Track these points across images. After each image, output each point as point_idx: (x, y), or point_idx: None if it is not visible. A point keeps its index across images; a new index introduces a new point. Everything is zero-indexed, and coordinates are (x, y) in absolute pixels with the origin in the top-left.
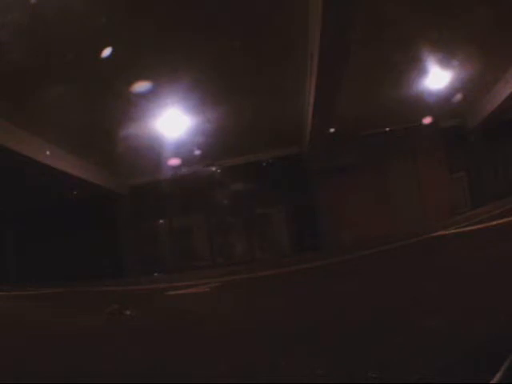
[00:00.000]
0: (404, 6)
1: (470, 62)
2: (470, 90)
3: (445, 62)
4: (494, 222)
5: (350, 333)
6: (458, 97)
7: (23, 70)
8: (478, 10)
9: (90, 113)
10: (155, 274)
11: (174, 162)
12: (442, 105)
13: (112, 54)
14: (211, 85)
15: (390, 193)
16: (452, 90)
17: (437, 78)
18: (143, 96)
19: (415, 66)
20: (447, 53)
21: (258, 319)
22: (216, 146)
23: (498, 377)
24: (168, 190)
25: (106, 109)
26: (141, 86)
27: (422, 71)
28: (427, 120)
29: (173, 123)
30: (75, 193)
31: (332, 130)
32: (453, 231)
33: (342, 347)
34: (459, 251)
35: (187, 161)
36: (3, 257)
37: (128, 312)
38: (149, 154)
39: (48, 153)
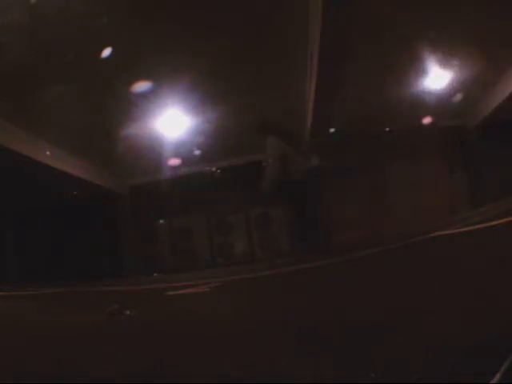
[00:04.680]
0: (404, 6)
1: (470, 62)
2: (470, 90)
3: (445, 62)
4: (494, 222)
5: (350, 333)
6: (458, 97)
7: (23, 70)
8: (478, 9)
9: (90, 113)
10: (155, 274)
11: (174, 161)
12: (442, 105)
13: (112, 54)
14: (211, 85)
15: (390, 193)
16: (452, 90)
17: (437, 78)
18: (143, 96)
19: (415, 66)
20: (447, 53)
21: (258, 319)
22: (216, 145)
23: (498, 377)
24: (168, 190)
25: (106, 109)
26: (141, 86)
27: (422, 71)
28: (427, 120)
29: (173, 123)
30: (75, 193)
31: (332, 130)
32: (453, 231)
33: (342, 347)
34: (459, 251)
35: (187, 161)
36: (3, 257)
37: (128, 312)
38: (149, 153)
39: (48, 153)
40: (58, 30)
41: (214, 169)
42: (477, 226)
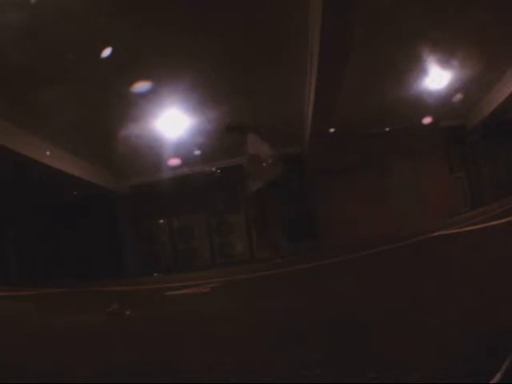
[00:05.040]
0: (405, 6)
1: (470, 62)
2: (470, 90)
3: (445, 62)
4: (494, 222)
5: (350, 333)
6: (458, 97)
7: (23, 70)
8: (478, 9)
9: (90, 113)
10: (155, 274)
11: (174, 161)
12: (442, 105)
13: (112, 54)
14: (211, 85)
15: (390, 193)
16: (452, 90)
17: (437, 77)
18: (143, 96)
19: (415, 66)
20: (447, 53)
21: (258, 319)
22: (216, 145)
23: (497, 377)
24: (168, 190)
25: (106, 109)
26: (141, 86)
27: (422, 71)
28: (427, 120)
29: (173, 123)
30: (75, 193)
31: (332, 130)
32: (453, 231)
33: (342, 347)
34: (459, 251)
35: (187, 161)
36: (3, 257)
37: (128, 312)
38: (149, 153)
39: (48, 153)
40: (58, 30)
41: (213, 169)
42: (477, 226)
